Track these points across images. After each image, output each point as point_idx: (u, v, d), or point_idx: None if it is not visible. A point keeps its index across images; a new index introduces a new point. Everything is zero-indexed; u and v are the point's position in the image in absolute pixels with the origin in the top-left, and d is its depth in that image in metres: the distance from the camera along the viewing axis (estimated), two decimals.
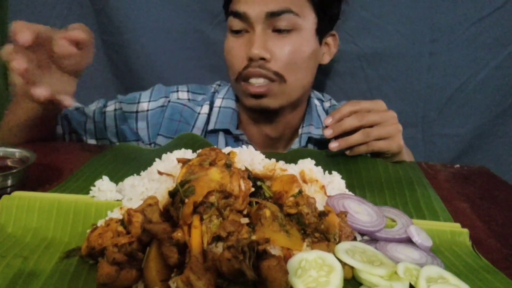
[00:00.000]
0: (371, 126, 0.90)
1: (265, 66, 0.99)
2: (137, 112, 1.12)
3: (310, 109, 1.16)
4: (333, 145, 0.92)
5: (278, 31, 1.00)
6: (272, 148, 1.17)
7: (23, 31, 0.65)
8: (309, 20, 1.03)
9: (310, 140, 1.13)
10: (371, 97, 1.35)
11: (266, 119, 1.12)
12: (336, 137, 0.92)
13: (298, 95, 1.08)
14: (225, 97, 1.16)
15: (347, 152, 0.94)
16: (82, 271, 0.53)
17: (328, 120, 0.92)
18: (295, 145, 1.13)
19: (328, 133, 0.92)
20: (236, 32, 1.03)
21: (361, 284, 0.52)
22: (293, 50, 1.01)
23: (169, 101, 1.15)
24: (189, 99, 1.17)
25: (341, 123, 0.91)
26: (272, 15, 0.98)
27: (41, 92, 0.68)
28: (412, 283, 0.51)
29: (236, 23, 1.02)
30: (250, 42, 0.99)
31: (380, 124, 0.90)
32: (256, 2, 0.98)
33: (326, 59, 1.13)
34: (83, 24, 0.75)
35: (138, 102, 1.13)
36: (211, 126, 1.13)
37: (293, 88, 1.05)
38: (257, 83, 1.01)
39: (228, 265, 0.46)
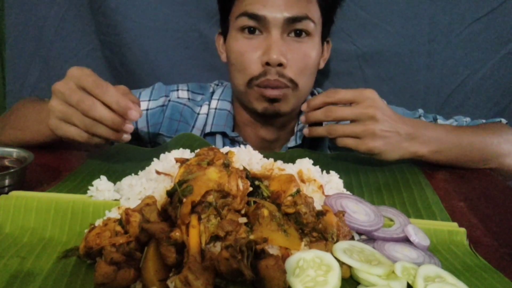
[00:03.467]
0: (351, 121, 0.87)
1: (282, 73, 0.98)
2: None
3: None
4: (305, 131, 0.95)
5: (294, 36, 0.99)
6: (268, 149, 1.16)
7: (138, 112, 0.73)
8: (319, 26, 1.03)
9: (306, 137, 1.12)
10: None
11: (264, 122, 1.11)
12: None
13: (304, 99, 1.09)
14: (220, 98, 1.16)
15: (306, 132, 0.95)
16: (80, 271, 0.53)
17: (304, 107, 0.93)
18: (291, 143, 1.13)
19: (302, 119, 0.94)
20: (249, 33, 1.00)
21: (359, 283, 0.52)
22: (307, 56, 1.00)
23: (169, 100, 1.14)
24: (189, 99, 1.17)
25: (310, 115, 0.90)
26: (291, 21, 0.96)
27: (128, 137, 0.76)
28: (410, 282, 0.51)
29: (250, 24, 0.98)
30: (266, 46, 0.97)
31: (352, 121, 0.86)
32: (276, 6, 0.96)
33: (321, 65, 1.13)
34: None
35: None
36: (207, 129, 1.13)
37: (303, 93, 1.05)
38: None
39: (226, 264, 0.46)
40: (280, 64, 0.97)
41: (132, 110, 0.72)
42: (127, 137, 0.76)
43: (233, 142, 1.13)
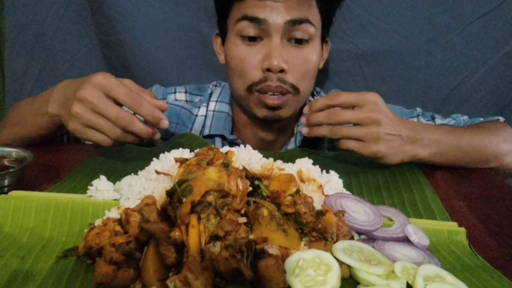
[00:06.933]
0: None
1: (283, 78, 0.97)
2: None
3: None
4: (304, 131, 0.92)
5: (294, 41, 0.98)
6: (268, 151, 1.16)
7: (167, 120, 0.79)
8: (319, 29, 1.02)
9: (305, 138, 1.11)
10: None
11: (264, 125, 1.10)
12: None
13: (305, 102, 1.09)
14: (218, 100, 1.15)
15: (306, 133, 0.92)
16: (80, 270, 0.53)
17: (305, 109, 0.91)
18: (290, 145, 1.13)
19: (303, 121, 0.92)
20: (249, 39, 0.99)
21: (358, 283, 0.52)
22: (308, 61, 1.00)
23: (166, 103, 1.14)
24: (186, 101, 1.16)
25: (312, 117, 0.89)
26: (292, 24, 0.95)
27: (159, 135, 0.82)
28: (409, 282, 0.51)
29: (250, 29, 0.97)
30: (266, 52, 0.96)
31: (355, 124, 0.85)
32: (276, 8, 0.94)
33: (320, 65, 1.12)
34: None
35: None
36: (206, 131, 1.12)
37: (304, 97, 1.05)
38: (274, 96, 0.99)
39: (226, 264, 0.46)
40: (281, 70, 0.96)
41: (163, 120, 0.78)
42: (158, 135, 0.82)
43: (232, 145, 1.12)
